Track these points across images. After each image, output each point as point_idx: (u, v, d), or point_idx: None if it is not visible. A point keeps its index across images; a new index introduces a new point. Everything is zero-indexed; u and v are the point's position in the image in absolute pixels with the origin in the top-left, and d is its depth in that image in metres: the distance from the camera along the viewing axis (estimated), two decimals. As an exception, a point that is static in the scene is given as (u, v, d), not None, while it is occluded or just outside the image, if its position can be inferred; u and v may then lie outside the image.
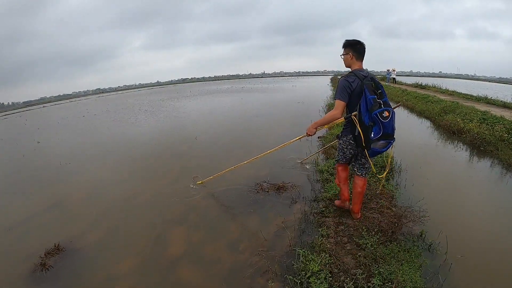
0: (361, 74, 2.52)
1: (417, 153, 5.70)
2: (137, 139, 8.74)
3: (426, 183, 4.22)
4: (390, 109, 2.48)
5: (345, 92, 2.53)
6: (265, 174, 4.81)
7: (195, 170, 5.35)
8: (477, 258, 2.61)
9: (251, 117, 10.94)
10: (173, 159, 6.25)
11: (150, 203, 4.21)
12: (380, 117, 2.41)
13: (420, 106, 11.11)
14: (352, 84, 2.52)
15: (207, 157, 6.14)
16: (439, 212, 3.33)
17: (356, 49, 2.59)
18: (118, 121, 13.22)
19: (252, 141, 7.08)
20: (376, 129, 2.45)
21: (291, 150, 5.70)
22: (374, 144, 2.51)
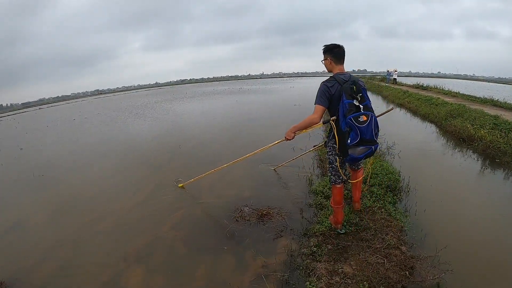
0: (341, 78, 2.46)
1: (425, 165, 5.01)
2: (119, 147, 8.11)
3: (440, 206, 3.52)
4: (369, 113, 2.37)
5: (324, 96, 2.46)
6: (248, 196, 4.09)
7: (169, 187, 4.68)
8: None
9: (244, 121, 10.24)
10: (150, 173, 5.59)
11: (112, 230, 3.59)
12: (355, 121, 2.31)
13: (424, 109, 10.40)
14: (331, 89, 2.45)
15: (187, 171, 5.44)
16: (461, 252, 2.63)
17: (334, 53, 2.55)
18: (106, 125, 12.78)
19: (240, 151, 6.34)
20: (353, 134, 2.34)
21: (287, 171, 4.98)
22: (353, 151, 2.39)
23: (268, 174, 4.87)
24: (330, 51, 2.56)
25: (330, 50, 2.56)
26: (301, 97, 18.60)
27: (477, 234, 3.00)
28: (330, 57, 2.56)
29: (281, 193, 4.10)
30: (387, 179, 3.73)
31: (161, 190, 4.63)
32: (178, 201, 4.23)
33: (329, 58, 2.57)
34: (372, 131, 2.38)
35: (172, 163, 6.08)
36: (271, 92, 26.72)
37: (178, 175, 5.20)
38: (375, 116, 2.43)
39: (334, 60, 2.55)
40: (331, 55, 2.56)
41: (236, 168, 5.21)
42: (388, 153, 5.28)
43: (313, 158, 5.31)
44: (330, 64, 2.58)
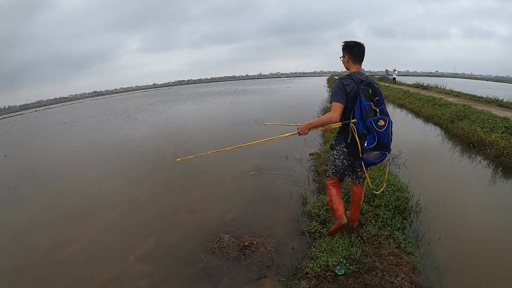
0: (357, 78, 2.34)
1: (434, 176, 4.46)
2: (102, 156, 7.57)
3: (457, 232, 2.95)
4: (387, 118, 2.25)
5: (341, 93, 2.32)
6: (232, 218, 3.51)
7: (146, 203, 4.11)
8: None
9: (236, 125, 9.65)
10: (128, 186, 5.04)
11: (75, 260, 3.06)
12: (375, 125, 2.20)
13: (427, 110, 9.84)
14: (347, 87, 2.32)
15: (167, 183, 4.90)
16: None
17: (353, 51, 2.42)
18: (94, 130, 12.26)
19: (228, 161, 5.79)
20: (370, 138, 2.24)
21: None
22: (367, 155, 2.28)
23: (257, 189, 4.29)
24: (349, 49, 2.42)
25: (349, 48, 2.42)
26: (297, 98, 18.06)
27: (504, 269, 2.43)
28: (349, 55, 2.43)
29: (270, 214, 3.51)
30: (394, 198, 3.15)
31: (137, 207, 4.10)
32: (153, 222, 3.68)
33: (347, 56, 2.44)
34: (389, 137, 2.28)
35: (154, 175, 5.51)
36: (267, 92, 26.18)
37: (157, 189, 4.66)
38: (391, 121, 2.29)
39: (352, 59, 2.43)
40: (350, 54, 2.43)
41: (226, 181, 4.68)
42: (393, 162, 4.71)
43: (308, 169, 4.73)
44: (347, 62, 2.45)
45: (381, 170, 3.96)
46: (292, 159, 5.28)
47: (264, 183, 4.42)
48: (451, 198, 3.66)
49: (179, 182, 4.93)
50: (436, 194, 3.70)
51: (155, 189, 4.71)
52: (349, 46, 2.42)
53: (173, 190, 4.64)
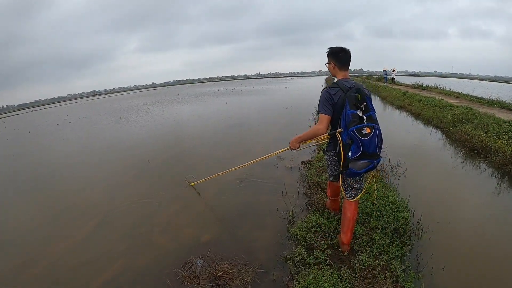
0: (345, 86, 2.27)
1: (436, 188, 4.07)
2: (85, 160, 7.15)
3: (464, 259, 2.57)
4: (373, 125, 2.13)
5: (328, 104, 2.27)
6: (209, 239, 3.11)
7: (119, 219, 3.72)
8: None
9: (227, 128, 9.25)
10: (105, 198, 4.63)
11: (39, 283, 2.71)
12: (358, 134, 2.10)
13: (427, 112, 9.44)
14: (334, 97, 2.27)
15: (149, 194, 4.51)
16: None
17: (339, 57, 2.35)
18: (84, 131, 11.91)
19: (215, 167, 5.39)
20: (354, 147, 2.14)
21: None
22: (353, 164, 2.17)
23: (241, 203, 3.90)
24: (334, 55, 2.36)
25: (334, 54, 2.36)
26: (294, 99, 17.67)
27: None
28: (334, 61, 2.36)
29: (252, 235, 3.11)
30: (393, 219, 2.76)
31: (110, 222, 3.74)
32: (124, 241, 3.31)
33: (332, 63, 2.37)
34: (375, 144, 2.15)
35: (134, 183, 5.11)
36: (264, 93, 25.77)
37: (135, 199, 4.29)
38: (379, 128, 2.18)
39: (338, 65, 2.35)
40: (335, 60, 2.36)
41: (208, 192, 4.29)
42: (392, 173, 4.31)
43: (298, 181, 4.32)
44: (333, 69, 2.39)
45: (379, 183, 3.58)
46: (282, 168, 4.89)
47: (249, 196, 4.02)
48: (456, 215, 3.27)
49: (159, 192, 4.55)
50: (439, 211, 3.31)
51: (133, 199, 4.35)
52: (334, 52, 2.35)
53: (151, 201, 4.24)
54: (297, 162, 5.08)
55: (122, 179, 5.38)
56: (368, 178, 2.73)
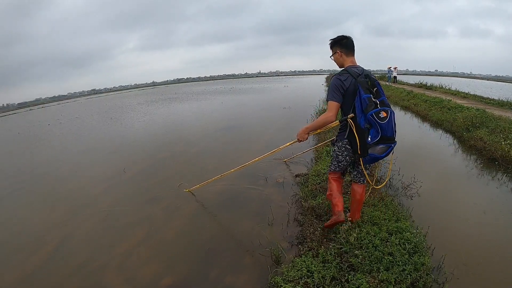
0: (354, 71, 2.21)
1: (455, 207, 3.35)
2: (60, 167, 6.47)
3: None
4: (388, 109, 2.13)
5: (338, 91, 2.20)
6: (167, 284, 2.40)
7: (74, 248, 3.12)
8: None
9: (218, 131, 8.52)
10: (67, 217, 3.93)
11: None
12: (377, 118, 2.08)
13: (435, 114, 8.69)
14: (345, 83, 2.19)
15: (110, 215, 3.80)
16: None
17: (343, 44, 2.29)
18: (72, 133, 11.18)
19: (197, 177, 4.69)
20: (373, 132, 2.11)
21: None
22: (372, 149, 2.14)
23: (216, 232, 3.17)
24: (338, 43, 2.31)
25: (338, 42, 2.31)
26: (292, 98, 16.94)
27: None
28: (340, 49, 2.31)
29: (224, 281, 2.39)
30: (410, 267, 2.04)
31: (62, 253, 3.07)
32: (72, 282, 2.61)
33: (338, 51, 2.32)
34: (392, 128, 2.15)
35: (103, 200, 4.40)
36: (262, 91, 25.06)
37: (96, 220, 3.61)
38: (393, 112, 2.18)
39: (345, 51, 2.30)
40: (341, 47, 2.30)
41: (179, 215, 3.58)
42: (405, 193, 3.58)
43: (290, 202, 3.59)
44: (340, 57, 2.32)
45: (388, 206, 2.87)
46: (272, 182, 4.17)
47: (228, 221, 3.31)
48: (486, 252, 2.54)
49: (128, 212, 3.86)
50: (464, 246, 2.60)
51: (96, 220, 3.71)
52: (338, 41, 2.32)
53: (115, 224, 3.56)
54: (290, 175, 4.37)
55: (90, 194, 4.67)
56: (389, 165, 2.79)
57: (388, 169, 2.77)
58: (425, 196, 3.53)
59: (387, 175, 2.72)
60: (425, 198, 3.49)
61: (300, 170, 4.52)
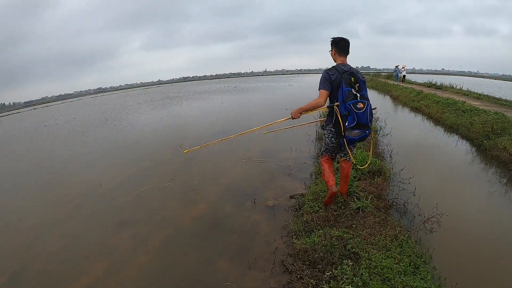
0: (341, 69, 2.65)
1: (484, 240, 2.66)
2: (37, 179, 5.93)
3: None
4: (366, 102, 2.57)
5: (326, 82, 2.65)
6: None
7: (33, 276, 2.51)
8: None
9: (211, 135, 7.87)
10: (26, 243, 3.39)
11: None
12: (354, 107, 2.52)
13: (449, 117, 7.94)
14: (332, 77, 2.64)
15: (77, 239, 3.24)
16: None
17: (339, 45, 2.73)
18: (62, 137, 10.65)
19: (166, 204, 4.08)
20: (350, 118, 2.54)
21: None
22: (349, 132, 2.59)
23: (182, 285, 2.54)
24: (335, 44, 2.73)
25: (335, 43, 2.73)
26: (296, 98, 16.18)
27: None
28: (335, 49, 2.74)
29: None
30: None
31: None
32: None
33: (334, 50, 2.75)
34: (367, 117, 2.57)
35: (70, 221, 3.84)
36: (266, 90, 24.41)
37: (59, 250, 3.05)
38: (370, 104, 2.61)
39: (338, 52, 2.73)
40: (336, 47, 2.74)
41: (140, 256, 2.97)
42: (424, 226, 2.87)
43: (281, 234, 2.93)
44: (334, 55, 2.77)
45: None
46: (262, 206, 3.52)
47: (201, 262, 2.66)
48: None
49: (93, 237, 3.29)
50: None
51: (57, 248, 3.20)
52: (335, 41, 2.73)
53: (75, 254, 3.00)
54: (284, 194, 3.73)
55: (57, 213, 4.11)
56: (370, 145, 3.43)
57: (369, 155, 3.20)
58: (448, 226, 2.85)
59: (369, 157, 3.17)
60: (448, 229, 2.81)
61: (297, 187, 3.88)
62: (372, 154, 4.48)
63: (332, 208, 2.89)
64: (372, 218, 2.67)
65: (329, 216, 2.78)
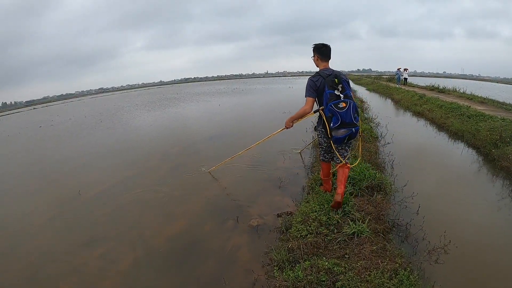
0: (325, 73, 2.75)
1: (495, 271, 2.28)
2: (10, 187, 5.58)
3: None
4: (348, 101, 2.65)
5: (312, 89, 2.76)
6: None
7: None
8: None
9: (202, 141, 7.49)
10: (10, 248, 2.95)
11: None
12: (336, 108, 2.61)
13: (454, 123, 7.53)
14: (317, 83, 2.75)
15: (50, 257, 2.89)
16: None
17: (321, 51, 2.85)
18: (52, 140, 10.32)
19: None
20: (335, 119, 2.63)
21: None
22: (335, 132, 2.68)
23: None
24: (317, 50, 2.86)
25: (317, 49, 2.86)
26: (295, 100, 15.74)
27: None
28: (317, 55, 2.86)
29: None
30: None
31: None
32: None
33: (316, 56, 2.88)
34: (351, 115, 2.64)
35: (44, 233, 3.52)
36: (265, 93, 24.07)
37: (23, 269, 2.72)
38: (354, 102, 2.69)
39: (320, 57, 2.86)
40: (318, 53, 2.86)
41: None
42: (429, 258, 2.45)
43: (257, 270, 2.52)
44: (317, 60, 2.89)
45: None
46: (244, 225, 3.13)
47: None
48: None
49: (59, 257, 2.94)
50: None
51: (24, 263, 2.89)
52: (317, 48, 2.86)
53: (40, 275, 2.71)
54: (271, 212, 3.35)
55: (29, 226, 3.76)
56: (359, 142, 3.40)
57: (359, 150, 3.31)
58: (456, 254, 2.46)
59: (359, 153, 3.29)
60: (456, 258, 2.42)
61: (286, 203, 3.50)
62: (372, 165, 4.12)
63: (323, 233, 2.50)
64: (369, 246, 2.28)
65: (319, 242, 2.39)
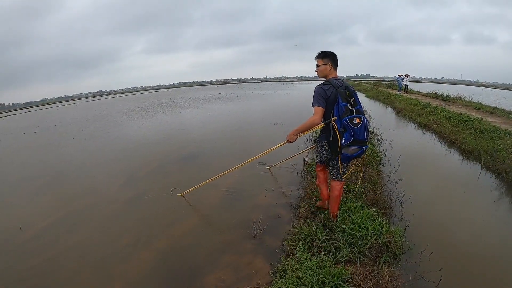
0: (336, 83, 2.56)
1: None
2: None
3: None
4: (362, 117, 2.48)
5: (321, 98, 2.54)
6: None
7: None
8: None
9: (180, 160, 6.53)
10: None
11: None
12: (350, 123, 2.43)
13: (468, 140, 6.55)
14: (327, 92, 2.54)
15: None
16: None
17: (335, 60, 2.65)
18: (27, 151, 9.44)
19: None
20: (347, 135, 2.46)
21: None
22: (346, 150, 2.51)
23: None
24: (331, 57, 2.64)
25: (331, 56, 2.64)
26: (289, 109, 14.85)
27: None
28: (331, 63, 2.63)
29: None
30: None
31: None
32: None
33: (330, 64, 2.63)
34: (364, 133, 2.48)
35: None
36: (260, 99, 23.23)
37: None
38: (366, 119, 2.53)
39: (334, 66, 2.65)
40: (332, 62, 2.64)
41: None
42: None
43: None
44: (329, 69, 2.63)
45: None
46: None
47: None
48: None
49: None
50: None
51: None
52: (331, 55, 2.63)
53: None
54: (233, 285, 2.42)
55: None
56: (352, 164, 3.37)
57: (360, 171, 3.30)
58: None
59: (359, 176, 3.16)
60: None
61: (257, 267, 2.57)
62: (376, 207, 3.24)
63: None
64: None
65: None
